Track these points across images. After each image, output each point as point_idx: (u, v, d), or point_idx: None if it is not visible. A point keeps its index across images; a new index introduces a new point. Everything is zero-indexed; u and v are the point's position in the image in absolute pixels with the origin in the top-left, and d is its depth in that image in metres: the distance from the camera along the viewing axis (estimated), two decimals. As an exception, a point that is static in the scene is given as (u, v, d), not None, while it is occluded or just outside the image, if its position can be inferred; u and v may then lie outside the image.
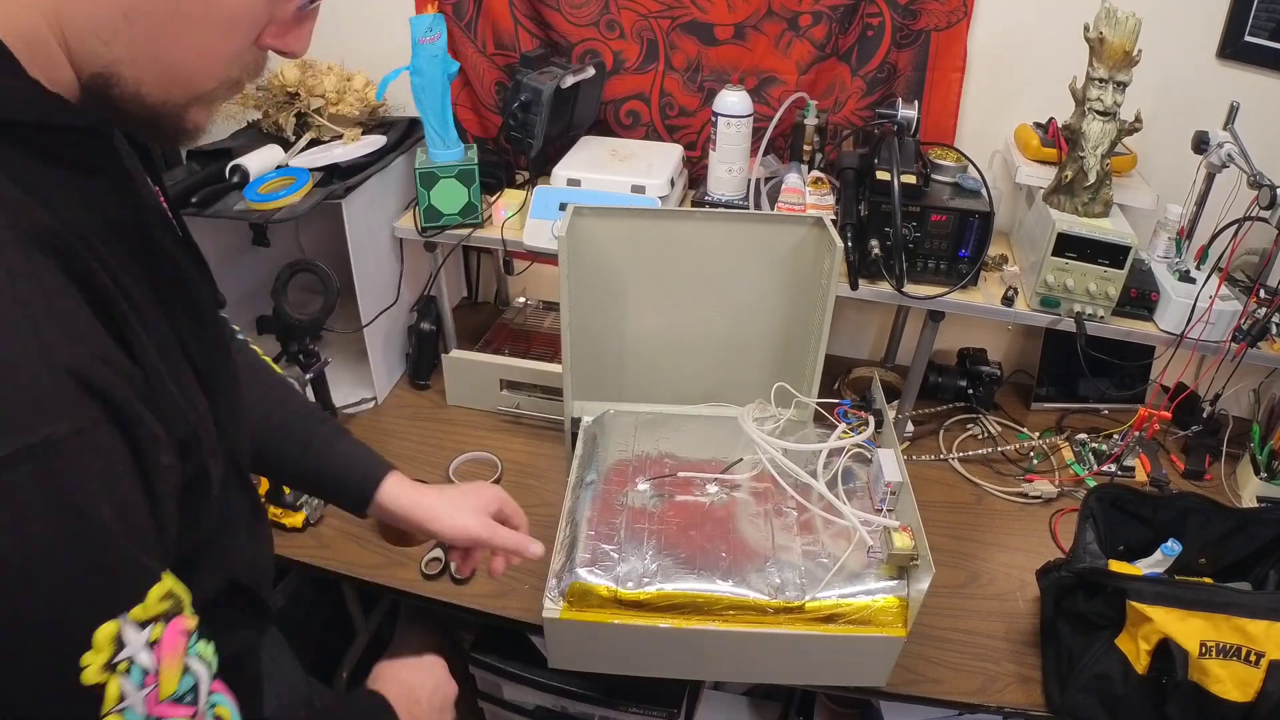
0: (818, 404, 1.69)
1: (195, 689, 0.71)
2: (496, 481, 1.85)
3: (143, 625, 0.66)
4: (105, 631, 0.63)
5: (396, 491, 1.21)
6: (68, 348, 0.61)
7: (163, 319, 0.77)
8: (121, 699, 0.64)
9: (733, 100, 1.84)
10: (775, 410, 1.64)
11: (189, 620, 0.71)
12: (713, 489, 1.53)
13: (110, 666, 0.64)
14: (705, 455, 1.60)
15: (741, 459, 1.58)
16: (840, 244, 1.56)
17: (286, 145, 1.93)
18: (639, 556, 1.38)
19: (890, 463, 1.50)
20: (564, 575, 1.36)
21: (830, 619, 1.34)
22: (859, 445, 1.57)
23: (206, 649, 0.74)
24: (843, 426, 1.60)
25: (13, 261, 0.60)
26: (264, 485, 1.72)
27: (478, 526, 1.22)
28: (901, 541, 1.35)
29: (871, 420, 1.60)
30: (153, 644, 0.67)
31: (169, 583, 0.69)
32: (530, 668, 1.84)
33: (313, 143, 1.97)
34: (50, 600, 0.61)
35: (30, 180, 0.66)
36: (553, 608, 1.34)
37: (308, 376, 1.81)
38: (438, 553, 1.66)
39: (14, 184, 0.64)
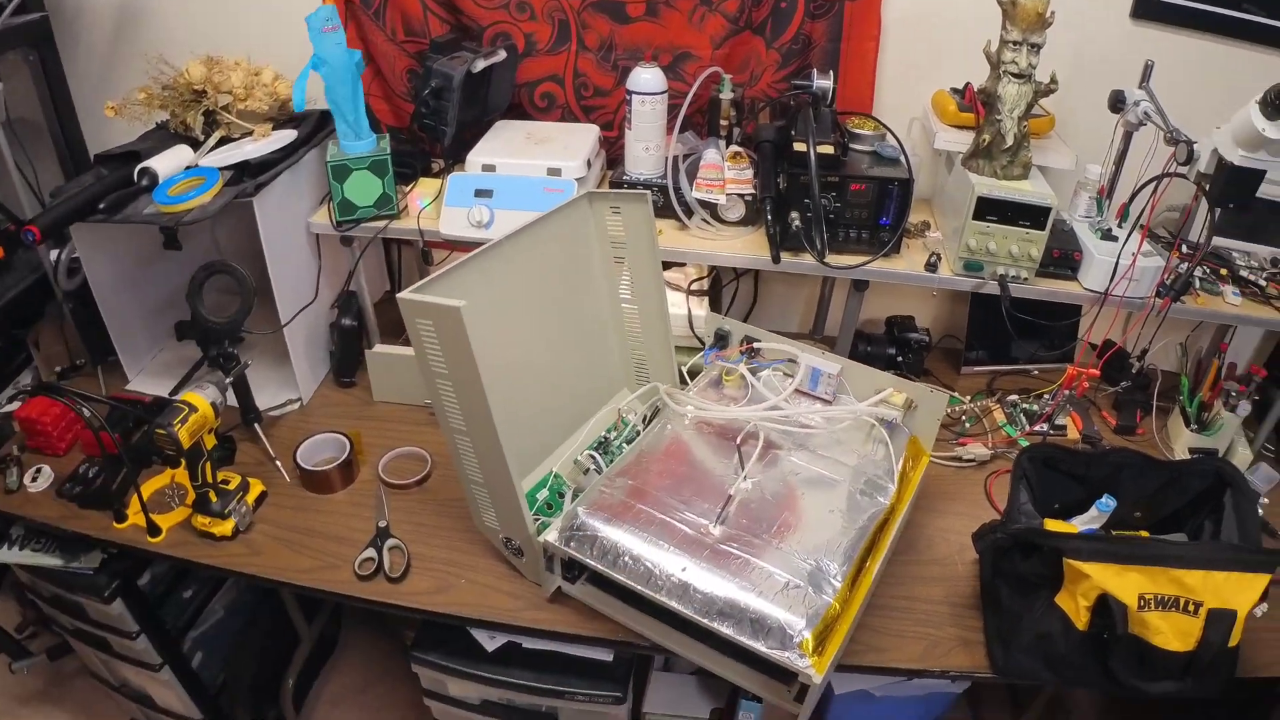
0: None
1: None
2: (427, 476, 1.82)
3: None
4: None
5: None
6: None
7: None
8: None
9: (646, 78, 1.82)
10: (664, 391, 1.68)
11: None
12: (746, 485, 1.52)
13: None
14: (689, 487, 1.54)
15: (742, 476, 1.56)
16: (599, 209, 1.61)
17: (196, 145, 1.88)
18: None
19: (822, 360, 1.65)
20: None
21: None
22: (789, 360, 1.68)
23: None
24: (745, 364, 1.70)
25: None
26: (190, 495, 1.68)
27: None
28: (896, 398, 1.62)
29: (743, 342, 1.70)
30: None
31: None
32: (474, 662, 1.80)
33: (223, 140, 1.92)
34: None
35: None
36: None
37: (228, 380, 1.76)
38: (370, 553, 1.63)
39: None
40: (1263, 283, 1.88)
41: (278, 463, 1.82)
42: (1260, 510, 1.54)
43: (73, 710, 2.38)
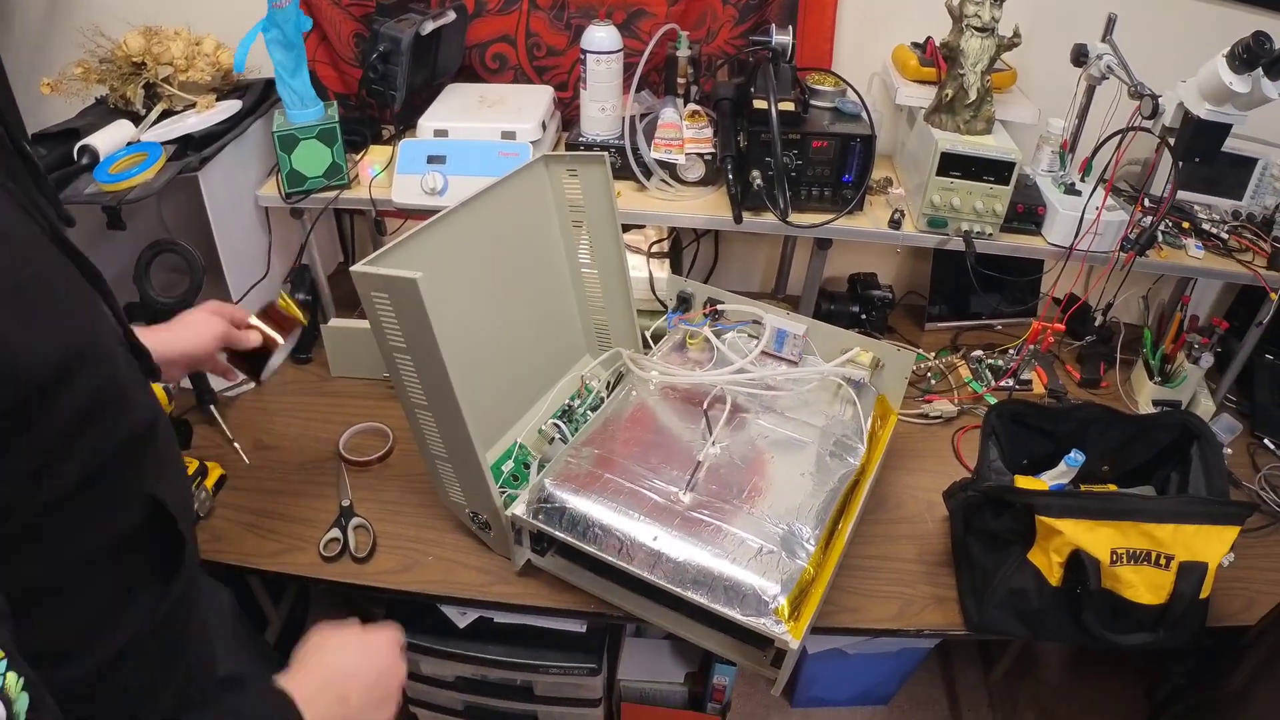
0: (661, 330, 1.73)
1: None
2: (389, 452, 1.78)
3: None
4: None
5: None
6: None
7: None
8: None
9: (601, 36, 1.78)
10: (627, 357, 1.66)
11: None
12: (714, 450, 1.49)
13: None
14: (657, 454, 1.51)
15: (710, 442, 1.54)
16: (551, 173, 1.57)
17: (137, 119, 1.82)
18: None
19: (787, 321, 1.65)
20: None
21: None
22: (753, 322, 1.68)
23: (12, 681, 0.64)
24: (710, 328, 1.67)
25: None
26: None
27: (221, 325, 1.35)
28: (863, 357, 1.62)
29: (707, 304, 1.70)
30: None
31: None
32: (446, 639, 1.79)
33: (166, 114, 1.86)
34: None
35: None
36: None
37: (180, 361, 1.71)
38: (335, 533, 1.60)
39: None
40: (1224, 236, 1.89)
41: (236, 445, 1.77)
42: (1224, 460, 1.55)
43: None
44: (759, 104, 1.68)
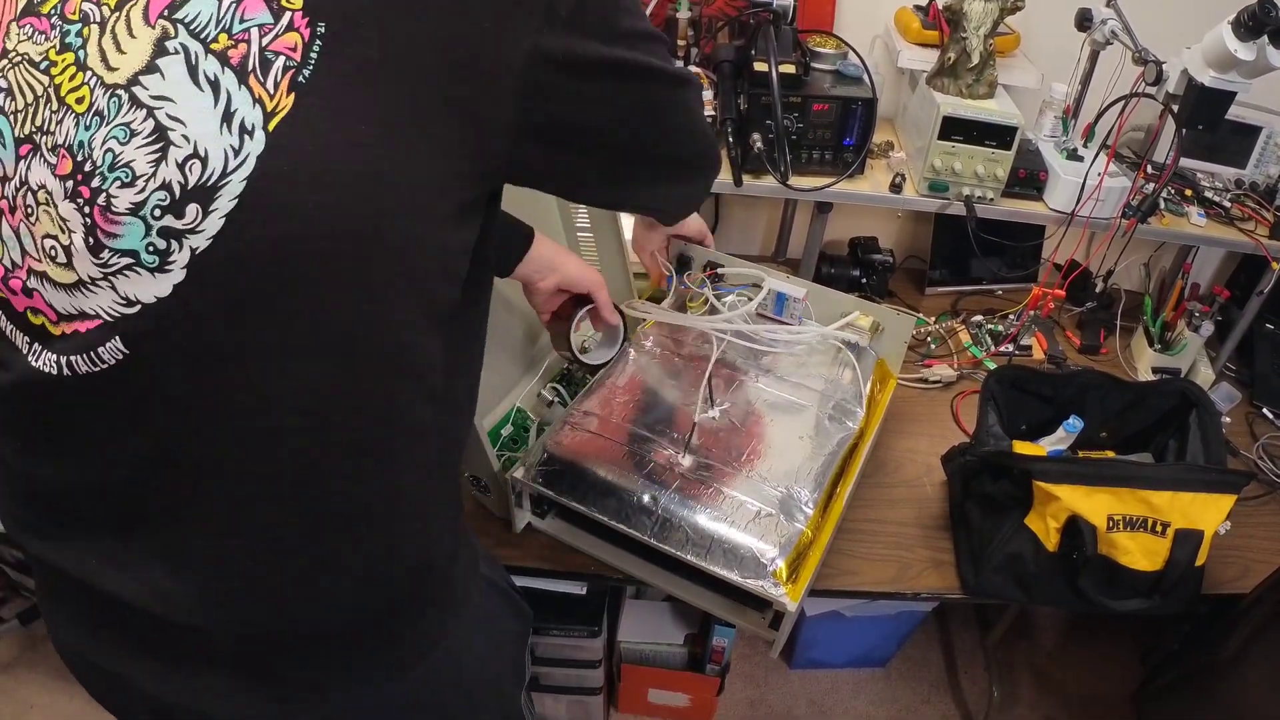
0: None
1: None
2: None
3: None
4: None
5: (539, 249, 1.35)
6: None
7: None
8: None
9: (601, -2, 1.76)
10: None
11: None
12: (713, 413, 1.49)
13: None
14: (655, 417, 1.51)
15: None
16: None
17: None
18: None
19: (786, 283, 1.64)
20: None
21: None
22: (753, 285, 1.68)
23: None
24: (711, 291, 1.67)
25: None
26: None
27: (596, 274, 1.40)
28: (863, 321, 1.60)
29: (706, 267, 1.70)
30: None
31: None
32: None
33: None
34: None
35: None
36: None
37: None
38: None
39: None
40: (1226, 204, 1.88)
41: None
42: (1222, 429, 1.55)
43: (48, 673, 2.34)
44: (760, 66, 1.66)
